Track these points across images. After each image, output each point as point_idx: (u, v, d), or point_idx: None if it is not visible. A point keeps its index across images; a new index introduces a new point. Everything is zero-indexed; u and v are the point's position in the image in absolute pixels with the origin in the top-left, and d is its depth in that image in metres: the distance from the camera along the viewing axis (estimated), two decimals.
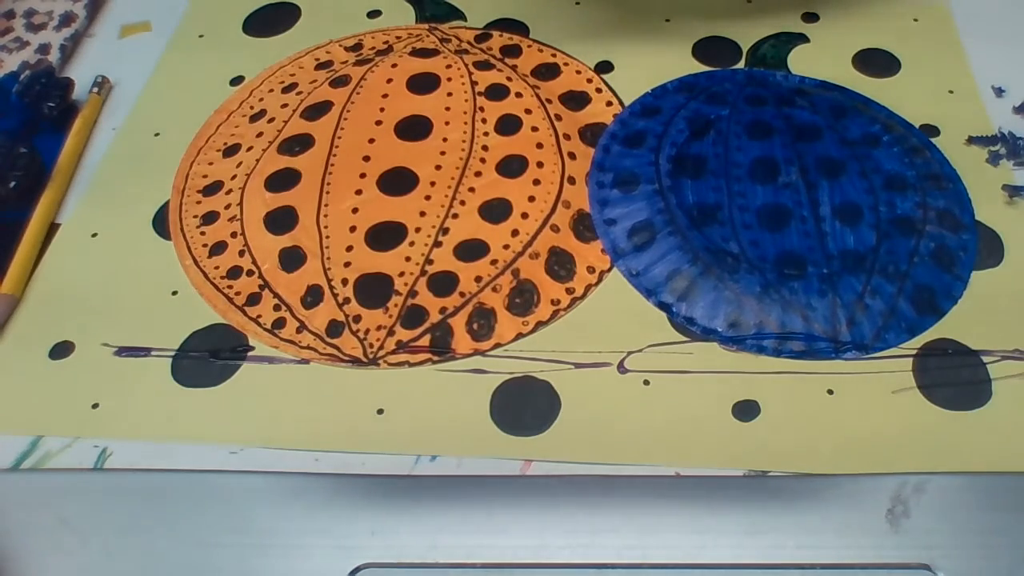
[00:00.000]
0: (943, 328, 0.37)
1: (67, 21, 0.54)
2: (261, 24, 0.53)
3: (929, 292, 0.38)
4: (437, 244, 0.40)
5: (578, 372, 0.36)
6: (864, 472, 0.33)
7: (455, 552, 0.32)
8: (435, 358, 0.37)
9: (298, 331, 0.38)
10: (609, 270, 0.40)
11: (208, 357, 0.38)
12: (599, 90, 0.48)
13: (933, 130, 0.44)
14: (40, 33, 0.53)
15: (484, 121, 0.45)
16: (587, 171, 0.43)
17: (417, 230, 0.41)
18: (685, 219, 0.40)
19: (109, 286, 0.41)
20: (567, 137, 0.45)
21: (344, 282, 0.40)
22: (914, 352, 0.36)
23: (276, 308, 0.39)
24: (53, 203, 0.44)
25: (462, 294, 0.39)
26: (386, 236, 0.41)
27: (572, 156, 0.44)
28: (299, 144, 0.45)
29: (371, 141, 0.45)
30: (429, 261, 0.40)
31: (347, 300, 0.39)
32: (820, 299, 0.38)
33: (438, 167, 0.43)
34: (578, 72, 0.49)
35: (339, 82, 0.48)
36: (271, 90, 0.49)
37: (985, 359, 0.36)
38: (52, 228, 0.43)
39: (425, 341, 0.38)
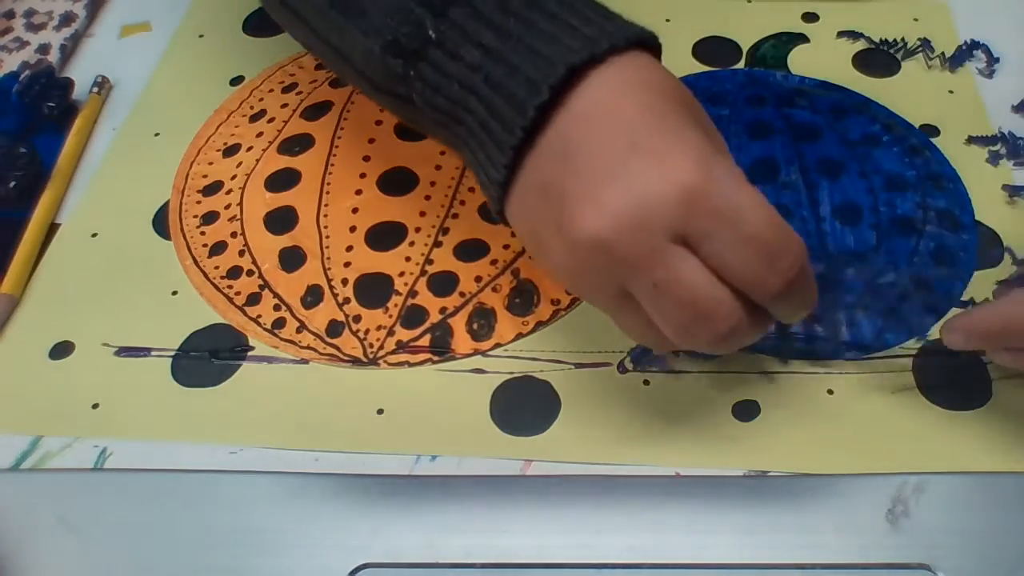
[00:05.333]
0: None
1: (67, 21, 0.54)
2: (261, 24, 0.53)
3: (929, 292, 0.38)
4: (437, 244, 0.40)
5: (578, 372, 0.36)
6: (864, 472, 0.33)
7: (455, 552, 0.32)
8: (435, 358, 0.37)
9: (298, 331, 0.38)
10: None
11: (208, 357, 0.38)
12: None
13: (933, 130, 0.44)
14: (40, 33, 0.53)
15: None
16: None
17: (417, 230, 0.41)
18: None
19: (109, 286, 0.41)
20: None
21: (344, 282, 0.40)
22: (914, 352, 0.36)
23: (276, 308, 0.39)
24: (53, 203, 0.44)
25: (462, 294, 0.39)
26: (386, 236, 0.41)
27: None
28: (299, 144, 0.45)
29: (371, 141, 0.45)
30: (429, 261, 0.40)
31: (347, 300, 0.39)
32: (820, 299, 0.37)
33: (438, 167, 0.43)
34: None
35: (339, 82, 0.48)
36: (271, 90, 0.49)
37: (985, 359, 0.36)
38: (52, 228, 0.43)
39: (425, 341, 0.38)
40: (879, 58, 0.48)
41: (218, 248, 0.42)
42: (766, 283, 0.26)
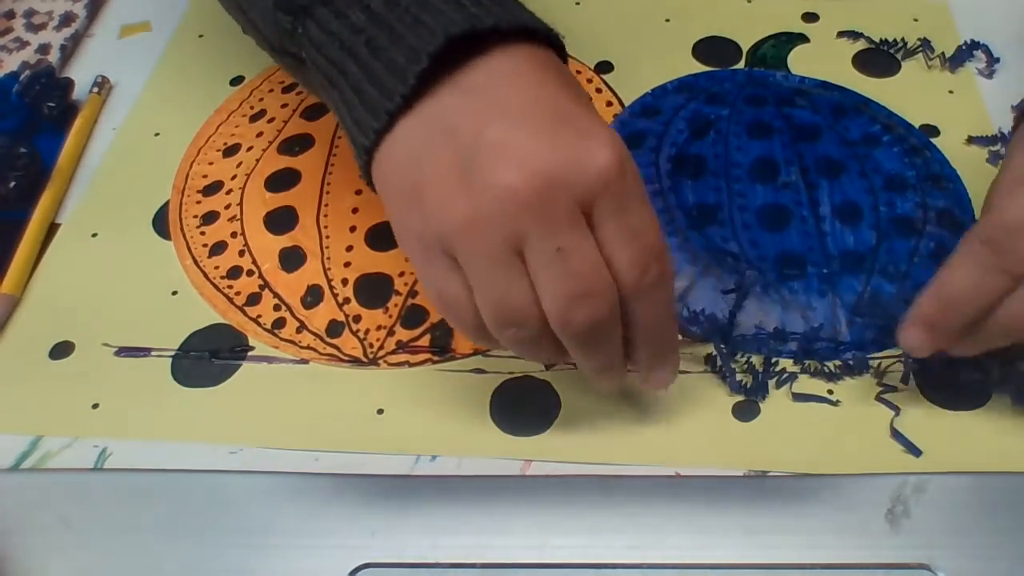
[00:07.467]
0: None
1: (67, 21, 0.54)
2: None
3: None
4: None
5: (578, 372, 0.36)
6: (864, 472, 0.33)
7: (455, 552, 0.32)
8: (435, 358, 0.37)
9: (298, 331, 0.38)
10: None
11: (208, 357, 0.38)
12: (599, 90, 0.48)
13: (933, 130, 0.44)
14: (40, 33, 0.53)
15: None
16: None
17: None
18: (685, 219, 0.40)
19: (109, 286, 0.41)
20: None
21: (344, 282, 0.40)
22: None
23: (276, 308, 0.39)
24: (53, 203, 0.44)
25: None
26: (386, 236, 0.41)
27: None
28: (299, 144, 0.45)
29: None
30: None
31: (347, 300, 0.39)
32: (820, 299, 0.38)
33: None
34: (578, 72, 0.49)
35: None
36: (271, 90, 0.49)
37: (985, 359, 0.36)
38: (52, 228, 0.43)
39: (425, 341, 0.38)
40: (879, 58, 0.48)
41: (218, 248, 0.42)
42: (637, 280, 0.27)
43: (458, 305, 0.28)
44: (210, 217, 0.43)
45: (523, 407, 0.35)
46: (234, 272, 0.41)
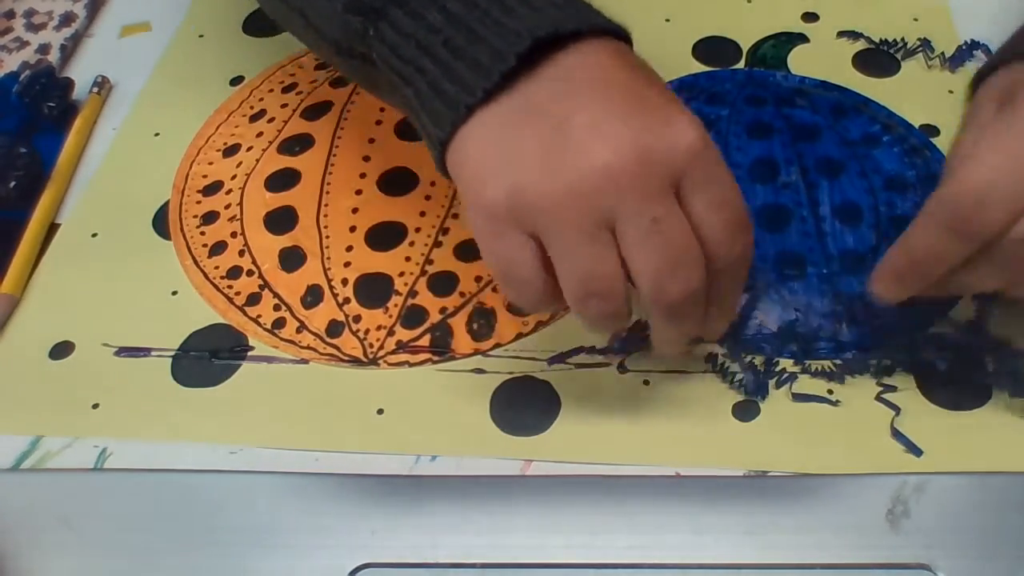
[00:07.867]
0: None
1: (67, 21, 0.54)
2: (261, 24, 0.53)
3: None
4: (437, 244, 0.40)
5: (578, 372, 0.36)
6: (864, 472, 0.33)
7: (455, 552, 0.32)
8: (435, 358, 0.37)
9: (298, 331, 0.38)
10: None
11: (208, 357, 0.38)
12: None
13: (933, 130, 0.44)
14: (40, 33, 0.53)
15: None
16: None
17: (417, 230, 0.41)
18: None
19: (109, 286, 0.41)
20: None
21: (344, 282, 0.40)
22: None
23: (276, 308, 0.39)
24: (53, 203, 0.44)
25: (462, 294, 0.39)
26: (386, 236, 0.41)
27: None
28: (299, 144, 0.45)
29: (371, 141, 0.45)
30: (429, 261, 0.40)
31: (347, 300, 0.39)
32: (820, 299, 0.38)
33: None
34: None
35: (339, 82, 0.48)
36: (271, 90, 0.49)
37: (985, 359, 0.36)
38: (52, 228, 0.43)
39: (425, 341, 0.38)
40: (879, 58, 0.48)
41: (218, 248, 0.42)
42: (729, 248, 0.28)
43: (527, 278, 0.29)
44: (210, 217, 0.43)
45: (523, 407, 0.35)
46: (234, 272, 0.41)
